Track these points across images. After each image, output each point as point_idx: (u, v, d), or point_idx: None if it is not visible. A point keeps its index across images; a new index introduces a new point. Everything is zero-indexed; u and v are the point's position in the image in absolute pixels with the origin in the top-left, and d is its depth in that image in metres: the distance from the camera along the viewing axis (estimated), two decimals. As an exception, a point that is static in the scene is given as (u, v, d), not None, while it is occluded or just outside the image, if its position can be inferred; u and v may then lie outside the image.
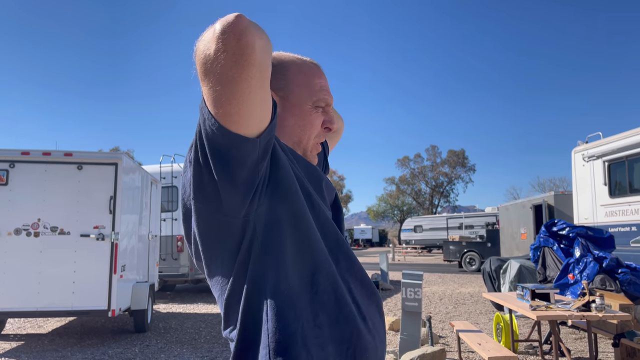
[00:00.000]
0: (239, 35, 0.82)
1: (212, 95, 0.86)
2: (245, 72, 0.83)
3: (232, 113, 0.86)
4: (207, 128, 0.89)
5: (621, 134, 8.21)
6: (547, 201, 14.68)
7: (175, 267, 10.63)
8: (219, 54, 0.82)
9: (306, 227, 1.03)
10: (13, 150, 6.51)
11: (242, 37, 0.82)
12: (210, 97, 0.86)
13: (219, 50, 0.82)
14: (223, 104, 0.85)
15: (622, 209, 8.07)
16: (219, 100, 0.85)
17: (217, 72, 0.83)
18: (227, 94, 0.84)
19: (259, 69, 0.85)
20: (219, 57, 0.82)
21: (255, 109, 0.88)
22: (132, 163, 7.46)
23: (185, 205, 1.05)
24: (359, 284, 1.10)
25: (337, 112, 1.65)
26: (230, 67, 0.82)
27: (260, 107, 0.89)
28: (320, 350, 0.98)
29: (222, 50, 0.82)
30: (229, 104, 0.85)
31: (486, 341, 4.81)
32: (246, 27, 0.83)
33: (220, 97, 0.85)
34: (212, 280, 1.06)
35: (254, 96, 0.86)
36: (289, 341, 0.96)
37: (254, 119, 0.89)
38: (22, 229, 6.34)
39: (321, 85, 1.18)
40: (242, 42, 0.82)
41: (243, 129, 0.88)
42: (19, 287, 6.23)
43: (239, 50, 0.82)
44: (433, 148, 58.22)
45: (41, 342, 6.75)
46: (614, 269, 6.13)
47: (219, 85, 0.84)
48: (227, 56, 0.82)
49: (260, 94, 0.87)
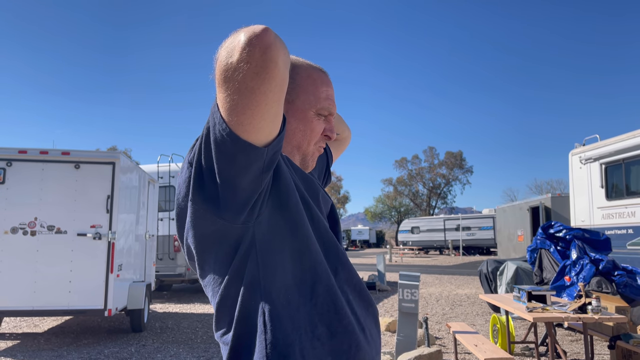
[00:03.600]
0: (264, 48, 0.82)
1: (228, 102, 0.86)
2: (265, 85, 0.84)
3: (246, 123, 0.87)
4: (217, 133, 0.89)
5: (618, 137, 8.24)
6: (544, 203, 14.71)
7: (172, 267, 10.61)
8: (242, 64, 0.82)
9: (306, 237, 1.04)
10: (10, 148, 6.49)
11: (267, 51, 0.82)
12: (226, 104, 0.87)
13: (242, 61, 0.82)
14: (238, 113, 0.86)
15: (619, 212, 8.09)
16: (235, 109, 0.86)
17: (237, 81, 0.84)
18: (244, 103, 0.85)
19: (279, 84, 0.86)
20: (241, 67, 0.82)
21: (268, 120, 0.88)
22: (130, 162, 7.44)
23: (180, 206, 1.04)
24: (357, 295, 1.10)
25: (345, 123, 1.65)
26: (251, 78, 0.83)
27: (273, 119, 0.89)
28: None
29: (245, 61, 0.82)
30: (243, 114, 0.86)
31: (482, 342, 4.81)
32: (273, 41, 0.83)
33: (236, 106, 0.86)
34: (204, 280, 1.06)
35: (270, 109, 0.87)
36: (287, 352, 0.96)
37: (265, 130, 0.89)
38: (18, 228, 6.32)
39: (327, 93, 1.19)
40: (266, 55, 0.82)
41: (252, 138, 0.89)
42: (15, 286, 6.21)
43: (263, 64, 0.82)
44: (431, 149, 58.34)
45: (37, 341, 6.73)
46: (610, 272, 6.15)
47: (237, 94, 0.85)
48: (250, 67, 0.82)
49: (275, 107, 0.88)
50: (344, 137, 1.67)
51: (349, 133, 1.68)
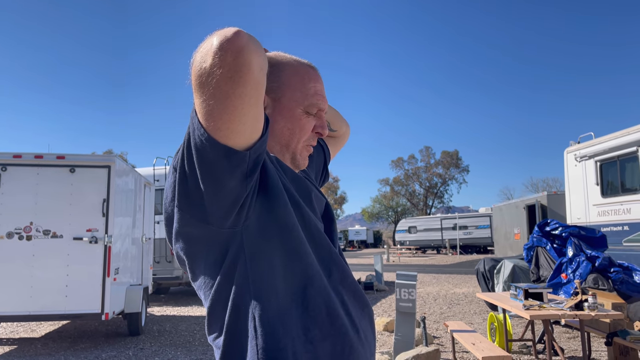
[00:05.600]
0: (236, 52, 0.80)
1: (204, 107, 0.85)
2: (240, 89, 0.82)
3: (223, 128, 0.85)
4: (197, 138, 0.87)
5: (613, 134, 8.27)
6: (540, 201, 14.77)
7: (169, 270, 10.60)
8: (215, 69, 0.81)
9: (296, 240, 1.02)
10: (5, 153, 6.46)
11: (239, 55, 0.81)
12: (202, 110, 0.85)
13: (215, 66, 0.81)
14: (215, 118, 0.84)
15: (614, 209, 8.12)
16: (211, 114, 0.84)
17: (212, 86, 0.82)
18: (220, 108, 0.83)
19: (254, 87, 0.84)
20: (214, 72, 0.81)
21: (247, 124, 0.87)
22: (125, 165, 7.43)
23: (167, 211, 1.03)
24: (352, 295, 1.08)
25: (343, 118, 1.60)
26: (225, 82, 0.81)
27: (252, 123, 0.88)
28: None
29: (218, 66, 0.80)
30: (220, 118, 0.84)
31: (480, 341, 4.82)
32: (245, 44, 0.81)
33: (212, 111, 0.84)
34: (196, 284, 1.06)
35: (247, 112, 0.85)
36: (279, 358, 0.95)
37: (244, 133, 0.87)
38: (14, 233, 6.30)
39: (316, 89, 1.16)
40: (239, 60, 0.81)
41: (232, 142, 0.87)
42: (11, 290, 6.18)
43: (236, 68, 0.81)
44: (427, 149, 58.42)
45: (34, 346, 6.70)
46: (606, 268, 6.17)
47: (212, 99, 0.83)
48: (223, 72, 0.80)
49: (253, 111, 0.86)
50: (341, 134, 1.62)
51: (347, 129, 1.63)
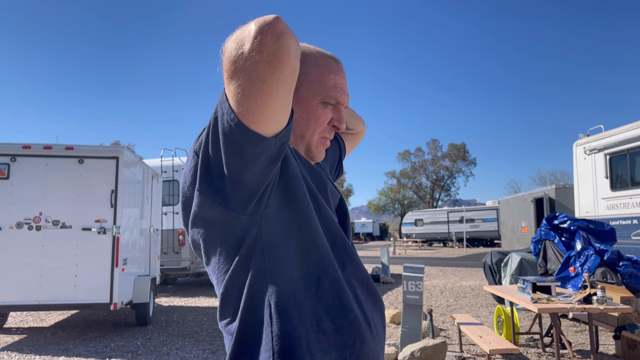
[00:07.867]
0: (277, 36, 0.82)
1: (239, 93, 0.85)
2: (278, 74, 0.83)
3: (256, 112, 0.86)
4: (225, 123, 0.88)
5: (623, 127, 8.19)
6: (548, 194, 14.68)
7: (176, 261, 10.65)
8: (254, 53, 0.82)
9: (312, 230, 1.02)
10: (14, 144, 6.50)
11: (279, 39, 0.82)
12: (236, 95, 0.86)
13: (254, 50, 0.81)
14: (249, 103, 0.85)
15: (624, 202, 8.06)
16: (246, 99, 0.85)
17: (249, 71, 0.83)
18: (255, 93, 0.84)
19: (290, 72, 0.86)
20: (253, 56, 0.82)
21: (279, 110, 0.88)
22: (133, 157, 7.45)
23: (185, 195, 1.03)
24: (364, 289, 1.09)
25: (359, 116, 1.60)
26: (263, 67, 0.82)
27: (282, 109, 0.89)
28: (324, 355, 0.98)
29: (257, 50, 0.81)
30: (255, 104, 0.85)
31: (487, 334, 4.82)
32: (285, 29, 0.83)
33: (247, 96, 0.85)
34: (209, 268, 1.06)
35: (281, 98, 0.86)
36: (294, 345, 0.95)
37: (275, 120, 0.88)
38: (23, 223, 6.35)
39: (335, 82, 1.14)
40: (279, 44, 0.82)
41: (262, 128, 0.88)
42: (21, 280, 6.25)
43: (275, 52, 0.82)
44: (434, 142, 58.16)
45: (43, 335, 6.78)
46: (615, 262, 6.14)
47: (248, 84, 0.84)
48: (262, 57, 0.82)
49: (286, 97, 0.88)
50: (358, 131, 1.63)
51: (364, 127, 1.63)
